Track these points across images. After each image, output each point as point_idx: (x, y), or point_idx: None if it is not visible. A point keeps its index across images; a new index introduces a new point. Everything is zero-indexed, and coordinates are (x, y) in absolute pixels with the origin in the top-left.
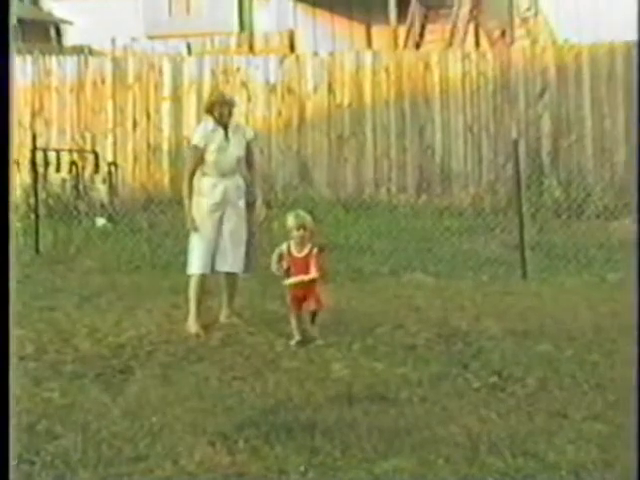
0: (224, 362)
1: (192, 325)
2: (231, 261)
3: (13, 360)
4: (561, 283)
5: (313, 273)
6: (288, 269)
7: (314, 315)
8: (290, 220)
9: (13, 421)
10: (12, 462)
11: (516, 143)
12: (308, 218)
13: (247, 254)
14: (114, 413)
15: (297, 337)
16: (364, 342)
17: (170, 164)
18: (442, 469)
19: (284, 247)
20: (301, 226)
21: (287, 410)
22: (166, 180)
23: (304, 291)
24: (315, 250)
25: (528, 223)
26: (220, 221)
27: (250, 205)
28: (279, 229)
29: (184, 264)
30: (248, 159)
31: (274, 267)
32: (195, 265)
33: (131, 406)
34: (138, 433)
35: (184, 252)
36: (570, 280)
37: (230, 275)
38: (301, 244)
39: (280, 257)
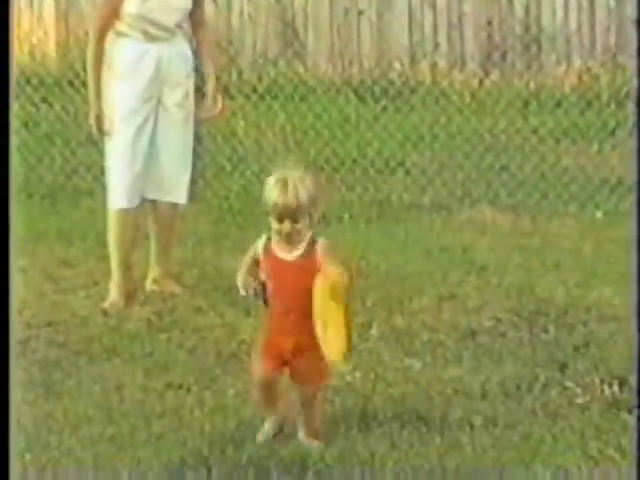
0: (150, 360)
1: (114, 294)
2: (168, 184)
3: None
4: None
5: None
6: (263, 286)
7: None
8: (270, 190)
9: None
10: None
11: None
12: (308, 182)
13: (193, 174)
14: None
15: (267, 430)
16: (389, 324)
17: (58, 19)
18: None
19: (260, 245)
20: (288, 212)
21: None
22: (52, 46)
23: (293, 331)
24: (322, 243)
25: None
26: (154, 114)
27: (197, 91)
28: (246, 136)
29: (81, 190)
30: (195, 12)
31: (242, 283)
32: (119, 194)
33: None
34: None
35: (81, 170)
36: None
37: (165, 208)
38: (293, 238)
39: (256, 262)
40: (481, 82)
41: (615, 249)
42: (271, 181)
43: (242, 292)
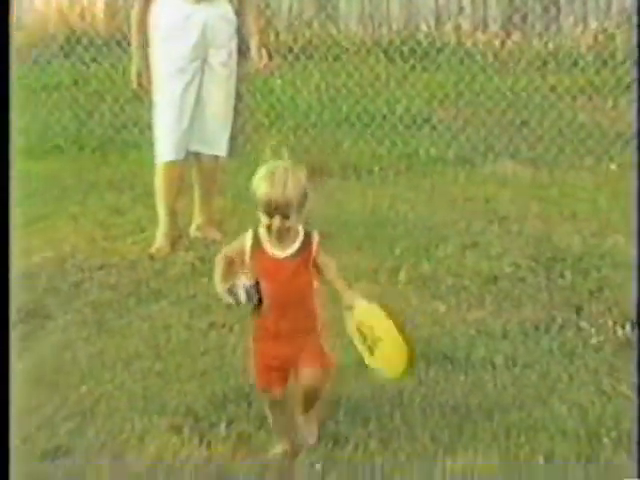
0: (194, 302)
1: (161, 240)
2: (212, 138)
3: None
4: None
5: (345, 290)
6: (256, 286)
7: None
8: (260, 184)
9: None
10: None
11: None
12: (297, 185)
13: (233, 129)
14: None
15: (277, 452)
16: (417, 270)
17: None
18: (541, 473)
19: (247, 239)
20: (278, 208)
21: None
22: (100, 8)
23: (293, 339)
24: (316, 237)
25: None
26: (199, 76)
27: (240, 52)
28: (283, 93)
29: (128, 144)
30: None
31: (220, 287)
32: (166, 148)
33: (42, 372)
34: (57, 414)
35: (129, 125)
36: None
37: (208, 161)
38: (284, 235)
39: (231, 262)
40: (503, 43)
41: (629, 200)
42: (261, 173)
43: (227, 299)
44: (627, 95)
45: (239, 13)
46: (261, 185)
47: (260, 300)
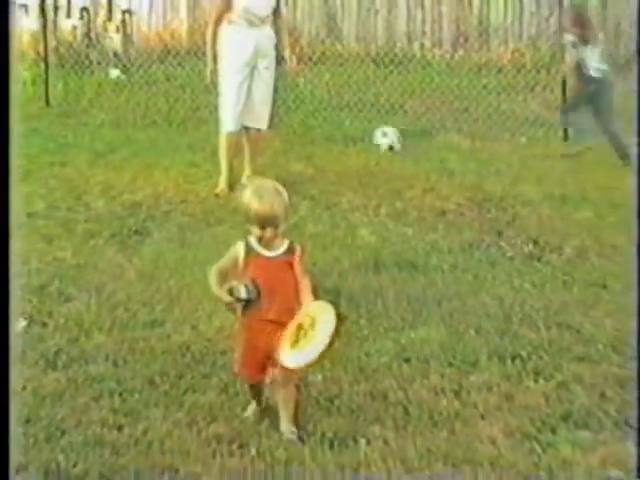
0: (245, 225)
1: (223, 185)
2: (258, 117)
3: (20, 217)
4: (606, 146)
5: (307, 297)
6: (254, 282)
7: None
8: (250, 202)
9: (22, 281)
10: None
11: None
12: (284, 194)
13: (274, 110)
14: (129, 275)
15: (252, 411)
16: (393, 206)
17: (188, 11)
18: (473, 340)
19: (239, 248)
20: (269, 220)
21: (311, 275)
22: (184, 29)
23: (275, 330)
24: (299, 249)
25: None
26: (251, 75)
27: (277, 59)
28: (305, 87)
29: (202, 120)
30: (276, 10)
31: (218, 289)
32: (228, 122)
33: (147, 268)
34: (155, 296)
35: (202, 107)
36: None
37: (254, 132)
38: (274, 243)
39: (224, 274)
40: (452, 56)
41: (534, 162)
42: (249, 192)
43: (226, 298)
44: (533, 93)
45: (277, 33)
46: (252, 202)
47: (259, 294)
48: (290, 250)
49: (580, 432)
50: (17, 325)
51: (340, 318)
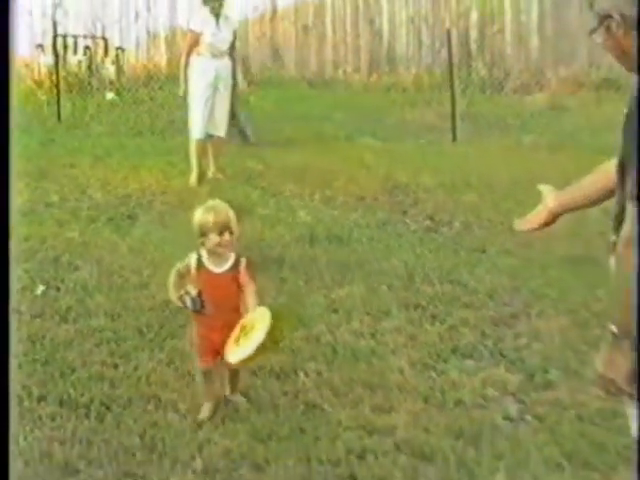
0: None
1: (193, 180)
2: (219, 127)
3: (39, 207)
4: (484, 145)
5: (251, 304)
6: (199, 295)
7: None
8: (206, 216)
9: (42, 255)
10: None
11: (449, 32)
12: (231, 212)
13: (229, 121)
14: (122, 250)
15: (207, 409)
16: (323, 193)
17: (167, 48)
18: (385, 294)
19: (192, 260)
20: (225, 227)
21: (260, 248)
22: (163, 61)
23: (222, 330)
24: (244, 262)
25: (459, 97)
26: (214, 94)
27: (234, 81)
28: (255, 103)
29: (177, 130)
30: (233, 44)
31: (173, 294)
32: (196, 130)
33: (136, 244)
34: (142, 265)
35: (177, 121)
36: (492, 143)
37: (217, 138)
38: (222, 254)
39: (182, 276)
40: (368, 79)
41: (430, 158)
42: (202, 210)
43: (178, 303)
44: (429, 105)
45: (233, 62)
46: (208, 216)
47: (202, 306)
48: (235, 265)
49: (466, 361)
50: (38, 289)
51: (274, 322)
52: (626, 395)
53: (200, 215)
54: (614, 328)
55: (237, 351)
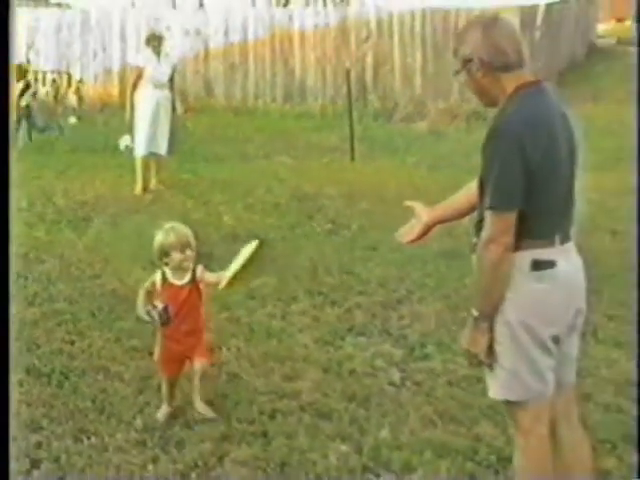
0: (153, 213)
1: (138, 190)
2: (160, 145)
3: (12, 211)
4: (377, 164)
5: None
6: (165, 309)
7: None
8: (168, 237)
9: (13, 250)
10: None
11: (348, 71)
12: (189, 230)
13: (170, 141)
14: (79, 247)
15: (163, 413)
16: (245, 201)
17: (119, 82)
18: (294, 284)
19: (157, 277)
20: (186, 245)
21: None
22: (115, 92)
23: (186, 339)
24: (200, 269)
25: (356, 124)
26: (155, 118)
27: (173, 108)
28: (192, 127)
29: (125, 148)
30: (172, 78)
31: (141, 310)
32: (140, 149)
33: (91, 242)
34: (95, 259)
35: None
36: (383, 162)
37: (159, 156)
38: (186, 268)
39: (149, 293)
40: (282, 107)
41: (332, 173)
42: (163, 232)
43: (146, 318)
44: (332, 131)
45: (172, 93)
46: (169, 237)
47: (168, 319)
48: (193, 275)
49: (359, 338)
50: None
51: (258, 249)
52: (485, 365)
53: (162, 237)
54: (475, 312)
55: (225, 275)
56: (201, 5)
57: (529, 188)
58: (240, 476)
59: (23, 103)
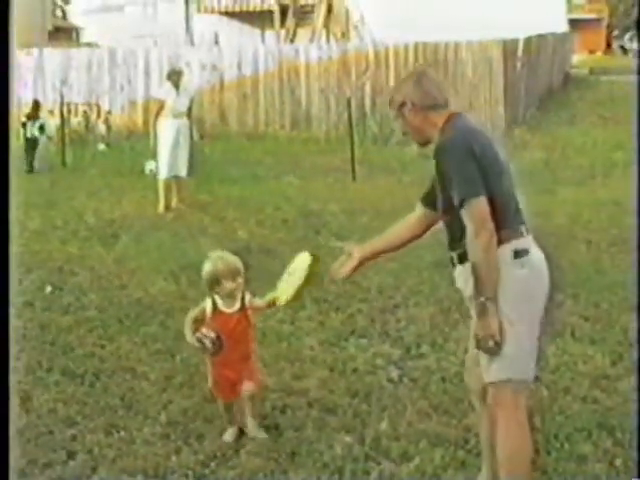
0: (175, 230)
1: (161, 208)
2: (180, 167)
3: (48, 229)
4: (375, 183)
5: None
6: (218, 338)
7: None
8: (217, 266)
9: (50, 264)
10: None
11: (349, 99)
12: (238, 258)
13: (190, 164)
14: (108, 261)
15: (231, 434)
16: (257, 217)
17: (143, 112)
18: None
19: (208, 305)
20: (236, 273)
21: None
22: (140, 122)
23: (236, 365)
24: (249, 296)
25: (357, 148)
26: (176, 144)
27: (191, 135)
28: (209, 152)
29: (150, 171)
30: (190, 108)
31: (191, 338)
32: (163, 172)
33: (119, 256)
34: (123, 272)
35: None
36: (381, 181)
37: (179, 178)
38: (236, 296)
39: (197, 320)
40: (290, 133)
41: (336, 192)
42: (211, 261)
43: (197, 345)
44: (335, 155)
45: (190, 121)
46: (218, 265)
47: (221, 347)
48: (243, 302)
49: (360, 340)
50: (46, 289)
51: (314, 260)
52: (497, 347)
53: (212, 266)
54: (482, 298)
55: (282, 295)
56: (216, 42)
57: (487, 181)
58: (254, 465)
59: (28, 134)
